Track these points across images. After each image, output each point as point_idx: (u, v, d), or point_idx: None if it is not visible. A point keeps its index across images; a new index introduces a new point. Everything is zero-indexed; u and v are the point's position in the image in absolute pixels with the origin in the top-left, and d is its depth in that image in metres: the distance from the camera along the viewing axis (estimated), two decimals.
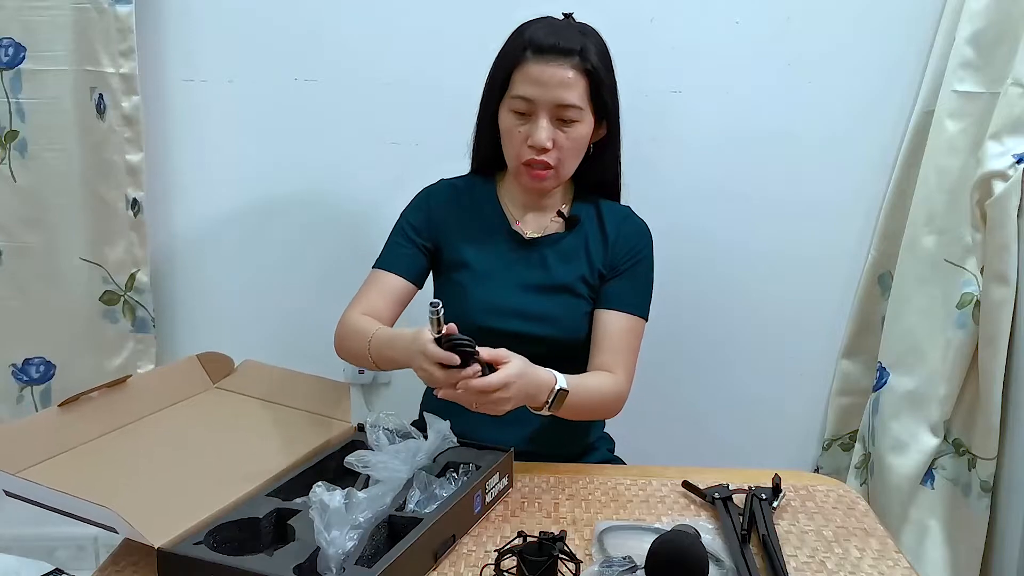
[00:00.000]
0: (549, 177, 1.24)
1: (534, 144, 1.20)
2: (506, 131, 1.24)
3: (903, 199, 1.70)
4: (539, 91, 1.19)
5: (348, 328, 1.25)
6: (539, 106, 1.20)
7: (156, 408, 1.19)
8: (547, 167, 1.22)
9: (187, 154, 1.75)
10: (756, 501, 1.08)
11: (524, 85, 1.20)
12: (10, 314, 1.72)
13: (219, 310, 1.82)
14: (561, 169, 1.24)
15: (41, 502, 0.94)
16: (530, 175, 1.24)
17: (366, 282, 1.31)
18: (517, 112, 1.22)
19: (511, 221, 1.33)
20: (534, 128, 1.20)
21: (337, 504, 0.89)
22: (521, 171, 1.25)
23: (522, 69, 1.20)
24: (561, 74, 1.18)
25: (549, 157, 1.22)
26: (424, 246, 1.32)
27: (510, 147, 1.25)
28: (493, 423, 1.22)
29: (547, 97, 1.19)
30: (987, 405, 1.56)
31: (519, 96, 1.20)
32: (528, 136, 1.21)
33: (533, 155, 1.21)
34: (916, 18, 1.67)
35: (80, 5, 1.58)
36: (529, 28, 1.22)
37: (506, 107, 1.23)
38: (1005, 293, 1.52)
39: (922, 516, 1.68)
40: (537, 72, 1.19)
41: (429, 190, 1.37)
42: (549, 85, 1.18)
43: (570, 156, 1.24)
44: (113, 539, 0.95)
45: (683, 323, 1.78)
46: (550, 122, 1.20)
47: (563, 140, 1.22)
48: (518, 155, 1.23)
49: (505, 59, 1.23)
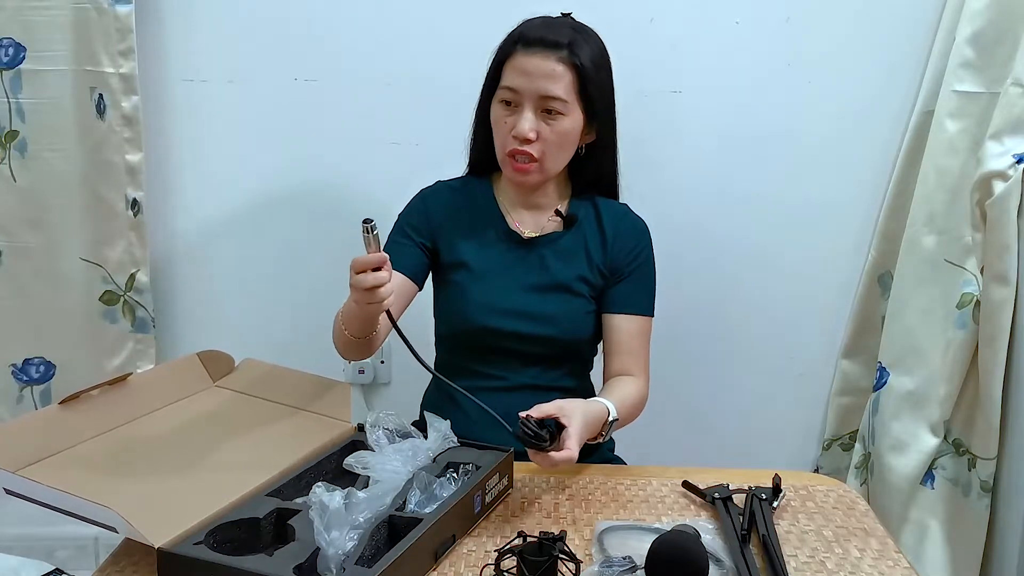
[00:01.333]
0: (533, 170, 1.24)
1: (517, 134, 1.21)
2: (494, 122, 1.25)
3: (903, 199, 1.70)
4: (524, 81, 1.20)
5: (335, 322, 1.24)
6: (524, 96, 1.20)
7: (156, 406, 1.19)
8: (531, 159, 1.23)
9: (187, 154, 1.75)
10: (756, 501, 1.08)
11: (511, 75, 1.21)
12: (10, 314, 1.72)
13: (219, 310, 1.82)
14: (545, 162, 1.24)
15: (41, 500, 0.94)
16: (514, 167, 1.24)
17: None
18: (504, 103, 1.23)
19: (509, 221, 1.33)
20: (518, 119, 1.21)
21: (337, 505, 0.89)
22: (506, 162, 1.25)
23: (511, 61, 1.22)
24: (547, 66, 1.19)
25: (533, 149, 1.22)
26: (424, 245, 1.32)
27: (497, 138, 1.26)
28: (493, 423, 1.22)
29: (531, 87, 1.19)
30: (987, 405, 1.56)
31: (506, 86, 1.22)
32: (513, 127, 1.22)
33: (516, 145, 1.22)
34: (916, 18, 1.67)
35: (80, 5, 1.58)
36: (523, 24, 1.24)
37: (495, 99, 1.25)
38: (1005, 293, 1.52)
39: (922, 516, 1.69)
40: (523, 63, 1.20)
41: (425, 192, 1.37)
42: (534, 76, 1.19)
43: (554, 149, 1.24)
44: (113, 539, 0.95)
45: (683, 323, 1.78)
46: (535, 114, 1.21)
47: (547, 132, 1.22)
48: (503, 146, 1.24)
49: (498, 54, 1.25)
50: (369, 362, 1.84)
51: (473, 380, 1.29)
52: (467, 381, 1.28)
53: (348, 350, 1.24)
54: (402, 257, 1.30)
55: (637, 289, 1.33)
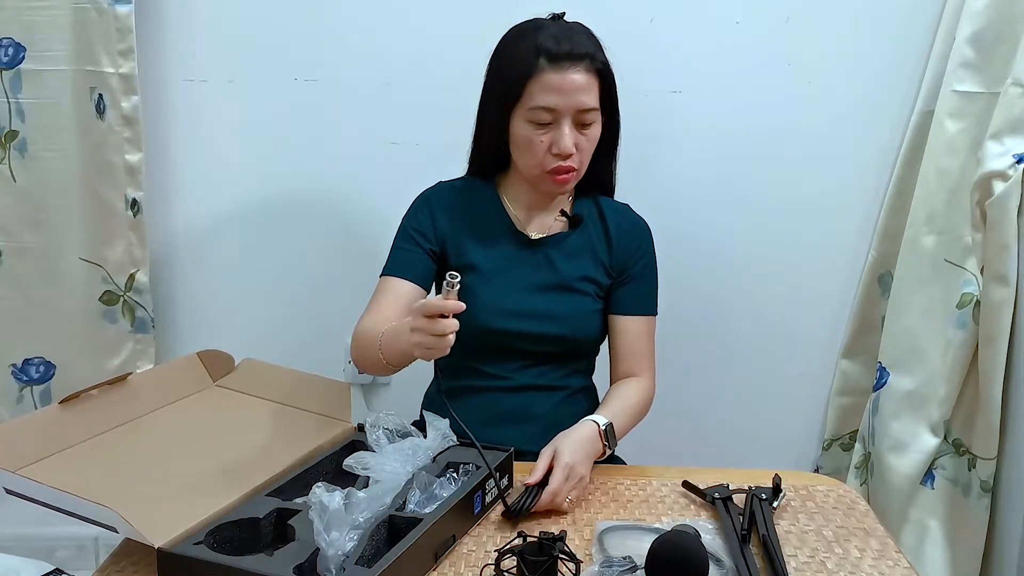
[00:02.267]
0: (572, 179, 1.25)
1: (561, 152, 1.20)
2: (525, 140, 1.22)
3: (903, 199, 1.69)
4: (561, 99, 1.18)
5: (360, 338, 1.23)
6: (562, 114, 1.19)
7: (156, 406, 1.19)
8: (571, 170, 1.23)
9: (187, 154, 1.75)
10: (756, 501, 1.08)
11: (544, 95, 1.18)
12: (10, 314, 1.72)
13: (218, 310, 1.82)
14: (581, 170, 1.25)
15: (41, 500, 0.94)
16: (555, 180, 1.23)
17: (376, 291, 1.29)
18: (537, 123, 1.20)
19: (515, 222, 1.33)
20: (558, 135, 1.19)
21: (337, 505, 0.89)
22: (544, 179, 1.24)
23: (538, 79, 1.18)
24: (579, 80, 1.18)
25: (573, 161, 1.22)
26: (431, 250, 1.31)
27: (530, 157, 1.23)
28: (493, 423, 1.22)
29: (569, 104, 1.18)
30: (987, 405, 1.56)
31: (540, 107, 1.19)
32: (551, 144, 1.20)
33: (559, 162, 1.21)
34: (916, 18, 1.67)
35: (80, 5, 1.58)
36: (536, 36, 1.20)
37: (523, 117, 1.21)
38: (1005, 293, 1.52)
39: (922, 516, 1.69)
40: (557, 81, 1.17)
41: (428, 193, 1.36)
42: (571, 92, 1.18)
43: (588, 156, 1.25)
44: (113, 539, 0.95)
45: (684, 323, 1.77)
46: (572, 128, 1.20)
47: (583, 143, 1.22)
48: (542, 164, 1.22)
49: (515, 68, 1.20)
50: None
51: (479, 380, 1.29)
52: (472, 381, 1.29)
53: (374, 369, 1.24)
54: (412, 265, 1.29)
55: (643, 290, 1.34)
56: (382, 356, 1.15)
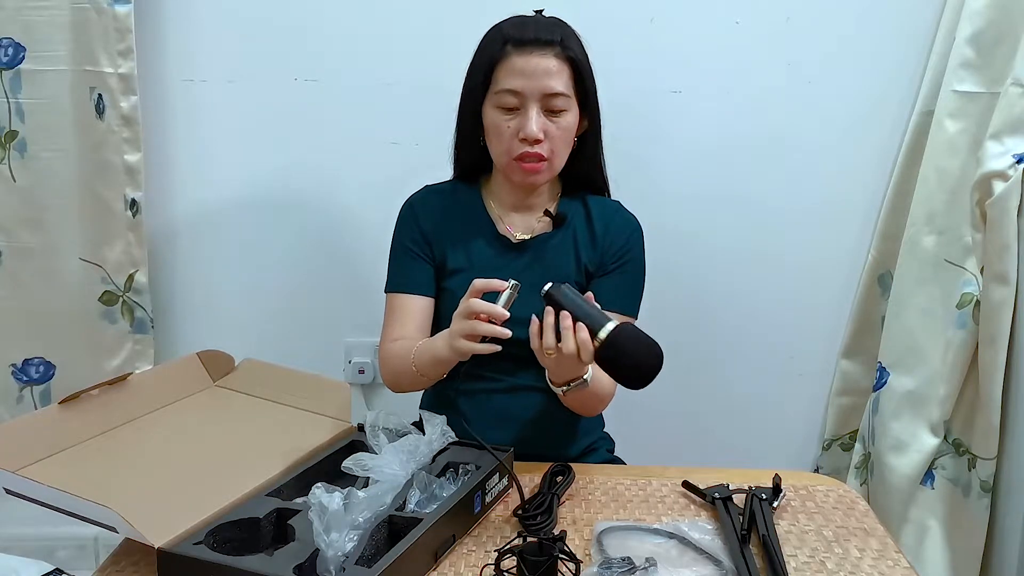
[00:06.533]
0: (543, 170, 1.23)
1: (527, 136, 1.19)
2: (494, 127, 1.22)
3: (903, 199, 1.70)
4: (526, 82, 1.18)
5: (390, 360, 1.26)
6: (528, 97, 1.19)
7: (156, 406, 1.19)
8: (540, 159, 1.21)
9: (186, 154, 1.75)
10: (756, 501, 1.08)
11: (509, 78, 1.19)
12: (10, 314, 1.72)
13: (217, 311, 1.82)
14: (554, 160, 1.23)
15: (41, 500, 0.94)
16: (523, 169, 1.22)
17: (387, 311, 1.30)
18: (504, 107, 1.20)
19: (498, 225, 1.32)
20: (524, 120, 1.19)
21: (336, 506, 0.89)
22: (513, 167, 1.23)
23: (505, 63, 1.19)
24: (546, 63, 1.18)
25: (542, 148, 1.21)
26: (430, 258, 1.31)
27: (499, 144, 1.23)
28: (493, 423, 1.22)
29: (535, 87, 1.18)
30: (987, 405, 1.56)
31: (506, 89, 1.19)
32: (518, 130, 1.20)
33: (526, 148, 1.20)
34: (916, 18, 1.68)
35: (79, 5, 1.58)
36: (503, 26, 1.22)
37: (491, 103, 1.22)
38: (1005, 293, 1.52)
39: (922, 516, 1.69)
40: (522, 63, 1.18)
41: (412, 201, 1.35)
42: (535, 75, 1.18)
43: (561, 147, 1.23)
44: (113, 539, 0.95)
45: (684, 323, 1.78)
46: (539, 113, 1.19)
47: (553, 130, 1.21)
48: (508, 151, 1.22)
49: (483, 57, 1.23)
50: (369, 361, 1.84)
51: (475, 383, 1.29)
52: (469, 383, 1.28)
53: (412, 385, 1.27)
54: (415, 277, 1.30)
55: (618, 287, 1.30)
56: (416, 369, 1.19)
